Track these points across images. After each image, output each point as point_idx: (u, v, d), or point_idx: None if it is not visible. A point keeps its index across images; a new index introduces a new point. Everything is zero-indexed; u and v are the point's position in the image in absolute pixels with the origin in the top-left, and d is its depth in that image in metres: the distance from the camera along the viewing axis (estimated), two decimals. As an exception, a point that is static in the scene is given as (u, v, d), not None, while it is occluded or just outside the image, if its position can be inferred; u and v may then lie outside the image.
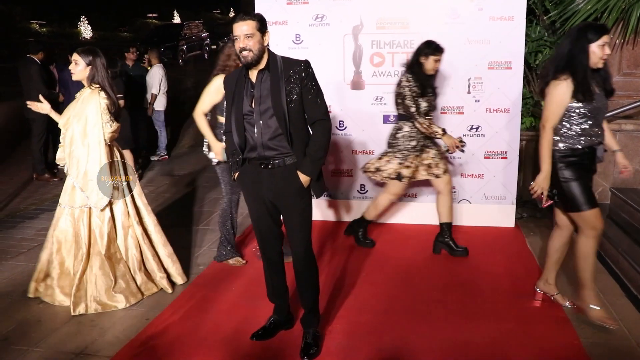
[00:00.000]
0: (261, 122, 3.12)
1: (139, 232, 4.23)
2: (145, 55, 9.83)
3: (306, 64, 3.15)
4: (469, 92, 5.41)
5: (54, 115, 4.21)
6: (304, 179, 3.19)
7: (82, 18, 36.41)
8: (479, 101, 5.41)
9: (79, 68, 3.96)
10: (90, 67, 3.96)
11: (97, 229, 4.06)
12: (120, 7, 37.77)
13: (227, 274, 4.56)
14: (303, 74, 3.11)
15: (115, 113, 4.03)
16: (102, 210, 4.03)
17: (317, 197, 3.35)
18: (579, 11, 5.42)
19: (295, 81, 3.10)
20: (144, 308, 4.02)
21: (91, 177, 3.95)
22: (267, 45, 3.14)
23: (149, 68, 9.26)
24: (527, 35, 5.53)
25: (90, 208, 4.02)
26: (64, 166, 4.11)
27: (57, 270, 4.12)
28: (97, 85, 3.97)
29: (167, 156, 9.47)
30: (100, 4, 36.79)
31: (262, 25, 3.08)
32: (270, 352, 3.42)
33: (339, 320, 3.78)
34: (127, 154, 7.00)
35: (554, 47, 6.21)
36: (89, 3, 35.69)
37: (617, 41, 5.32)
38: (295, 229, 3.30)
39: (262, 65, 3.11)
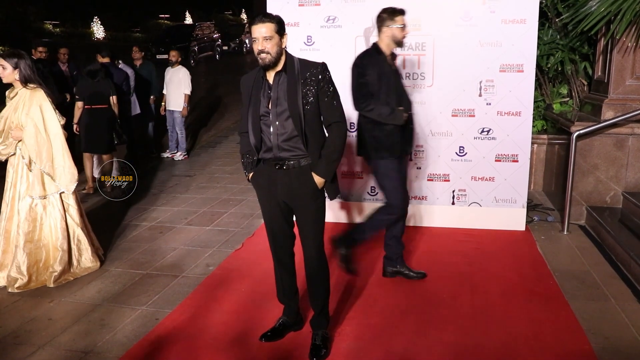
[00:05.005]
0: (277, 123, 3.13)
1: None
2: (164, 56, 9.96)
3: (323, 67, 3.16)
4: (480, 95, 5.39)
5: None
6: (318, 180, 3.19)
7: (95, 18, 36.76)
8: (490, 104, 5.39)
9: (7, 72, 4.24)
10: (17, 69, 4.24)
11: (68, 209, 4.54)
12: (132, 7, 38.02)
13: (237, 275, 4.57)
14: (320, 77, 3.12)
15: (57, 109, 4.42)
16: (73, 192, 4.50)
17: (331, 199, 3.35)
18: (591, 14, 5.38)
19: (312, 83, 3.11)
20: (153, 308, 4.04)
21: (57, 165, 4.37)
22: (285, 47, 3.15)
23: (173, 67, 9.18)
24: (539, 38, 5.50)
25: (60, 193, 4.45)
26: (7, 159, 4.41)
27: (25, 261, 4.34)
28: (34, 85, 4.29)
29: (187, 155, 9.63)
30: (113, 4, 37.09)
31: (280, 28, 3.09)
32: (279, 354, 3.42)
33: (349, 322, 3.78)
34: None
35: (566, 50, 6.19)
36: (102, 4, 36.01)
37: (629, 44, 5.27)
38: (308, 230, 3.30)
39: (280, 67, 3.13)
